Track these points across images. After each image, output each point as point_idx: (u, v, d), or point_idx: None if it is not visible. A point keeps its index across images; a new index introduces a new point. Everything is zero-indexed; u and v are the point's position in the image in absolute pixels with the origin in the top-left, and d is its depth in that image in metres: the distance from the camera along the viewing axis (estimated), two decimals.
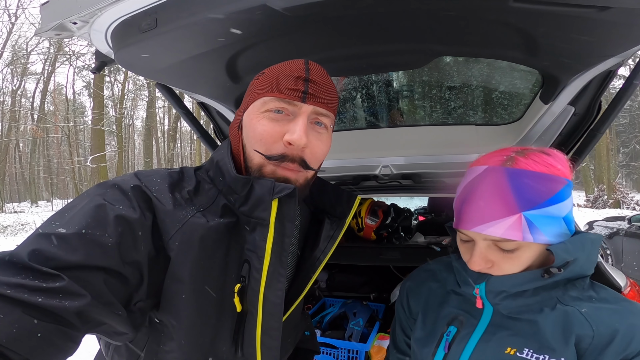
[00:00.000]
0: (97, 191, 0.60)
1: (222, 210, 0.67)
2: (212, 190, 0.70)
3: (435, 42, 0.82)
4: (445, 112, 1.36)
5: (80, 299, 0.50)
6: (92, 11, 0.71)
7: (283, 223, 0.66)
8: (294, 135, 0.66)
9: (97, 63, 0.89)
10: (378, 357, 1.41)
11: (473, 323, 0.73)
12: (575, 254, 0.64)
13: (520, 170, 0.65)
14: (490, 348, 0.69)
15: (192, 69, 0.93)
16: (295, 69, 0.69)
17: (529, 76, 1.13)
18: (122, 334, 0.60)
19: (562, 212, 0.64)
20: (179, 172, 0.70)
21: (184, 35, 0.73)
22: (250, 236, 0.67)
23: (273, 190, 0.63)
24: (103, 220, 0.56)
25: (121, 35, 0.76)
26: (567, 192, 0.65)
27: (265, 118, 0.68)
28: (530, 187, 0.64)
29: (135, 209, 0.59)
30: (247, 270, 0.66)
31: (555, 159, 0.68)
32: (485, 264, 0.68)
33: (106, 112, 17.56)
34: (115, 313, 0.55)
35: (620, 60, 0.88)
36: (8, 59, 18.30)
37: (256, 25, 0.70)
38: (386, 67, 1.08)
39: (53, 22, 0.74)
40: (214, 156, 0.73)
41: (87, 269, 0.52)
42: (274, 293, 0.67)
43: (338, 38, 0.80)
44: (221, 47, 0.80)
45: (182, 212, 0.64)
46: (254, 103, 0.70)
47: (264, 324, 0.67)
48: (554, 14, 0.63)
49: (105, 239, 0.54)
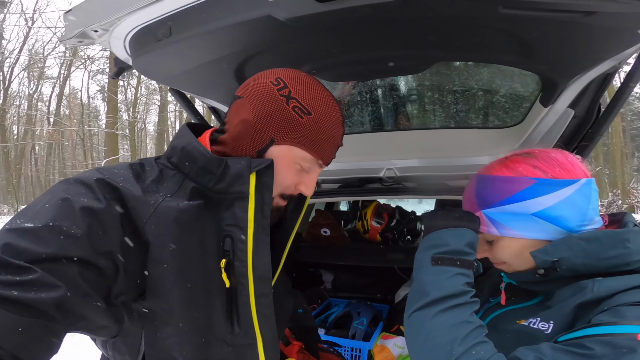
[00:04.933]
0: (59, 187, 0.61)
1: (190, 194, 0.68)
2: (176, 176, 0.71)
3: (433, 48, 0.85)
4: (447, 115, 1.39)
5: (56, 290, 0.51)
6: (112, 20, 0.77)
7: (262, 193, 0.70)
8: (309, 190, 0.78)
9: (115, 69, 0.95)
10: (381, 356, 1.43)
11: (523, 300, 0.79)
12: (559, 254, 0.67)
13: (484, 175, 0.79)
14: (507, 317, 0.77)
15: (203, 75, 0.98)
16: (339, 134, 0.77)
17: (529, 80, 1.16)
18: (104, 327, 0.61)
19: (529, 209, 0.71)
20: (139, 164, 0.72)
21: (196, 43, 0.78)
22: (227, 212, 0.69)
23: (251, 165, 0.68)
24: (69, 213, 0.56)
25: (138, 43, 0.81)
26: (535, 190, 0.71)
27: (295, 169, 0.75)
28: (487, 189, 0.76)
29: (100, 200, 0.60)
30: (230, 244, 0.68)
31: (537, 160, 0.74)
32: (482, 253, 0.80)
33: (119, 116, 17.88)
34: (94, 304, 0.56)
35: (617, 63, 0.90)
36: (25, 63, 18.80)
37: (262, 34, 0.75)
38: (387, 72, 1.12)
39: (76, 30, 0.80)
40: (176, 144, 0.73)
41: (59, 260, 0.53)
42: (262, 260, 0.70)
43: (340, 45, 0.84)
44: (230, 55, 0.85)
45: (152, 197, 0.65)
46: (292, 148, 0.73)
47: (256, 292, 0.69)
48: (543, 19, 0.66)
49: (74, 230, 0.55)
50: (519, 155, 0.77)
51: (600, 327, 0.56)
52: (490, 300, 0.88)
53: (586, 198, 0.70)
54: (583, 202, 0.70)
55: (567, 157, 0.74)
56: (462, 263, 0.70)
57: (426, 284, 0.69)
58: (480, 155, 1.36)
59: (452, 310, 0.65)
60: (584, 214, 0.70)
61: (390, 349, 1.44)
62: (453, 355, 0.60)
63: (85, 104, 23.14)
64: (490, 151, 1.35)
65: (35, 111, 21.11)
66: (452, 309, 0.65)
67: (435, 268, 0.70)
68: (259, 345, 0.73)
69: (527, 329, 0.69)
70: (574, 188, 0.70)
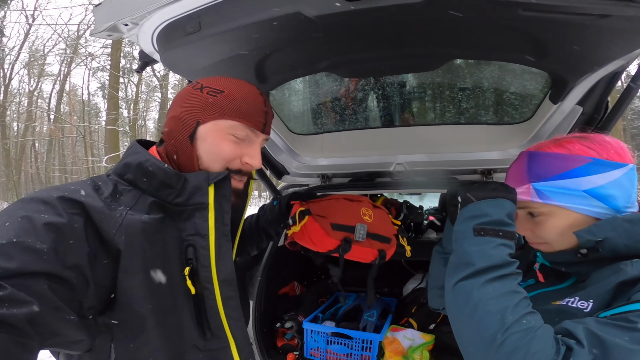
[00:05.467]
0: (16, 207, 0.60)
1: (149, 207, 0.71)
2: (132, 192, 0.72)
3: (449, 46, 0.88)
4: (457, 112, 1.42)
5: (27, 306, 0.50)
6: (143, 14, 0.78)
7: (221, 203, 0.75)
8: (254, 160, 0.82)
9: (140, 63, 0.97)
10: (391, 347, 1.46)
11: (554, 283, 0.82)
12: (603, 234, 0.69)
13: (537, 152, 0.80)
14: (541, 298, 0.78)
15: (224, 69, 1.00)
16: (258, 100, 0.82)
17: (538, 78, 1.19)
18: (79, 341, 0.61)
19: (582, 185, 0.73)
20: (92, 180, 0.72)
21: (224, 38, 0.80)
22: (187, 223, 0.73)
23: (209, 178, 0.74)
24: (31, 229, 0.56)
25: (167, 37, 0.83)
26: (590, 169, 0.73)
27: (230, 140, 0.79)
28: (540, 165, 0.78)
29: (62, 215, 0.60)
30: (192, 252, 0.72)
31: (592, 142, 0.76)
32: (524, 231, 0.82)
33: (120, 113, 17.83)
34: (66, 318, 0.56)
35: (625, 62, 0.93)
36: (25, 60, 18.74)
37: (289, 30, 0.77)
38: (403, 69, 1.15)
39: (107, 24, 0.81)
40: (130, 161, 0.75)
41: (27, 275, 0.52)
42: (225, 264, 0.74)
43: (360, 43, 0.87)
44: (255, 50, 0.87)
45: (115, 210, 0.67)
46: (217, 122, 0.78)
47: (222, 295, 0.73)
48: (560, 21, 0.69)
49: (39, 245, 0.55)
50: (574, 137, 0.79)
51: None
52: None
53: (632, 182, 0.74)
54: (629, 185, 0.74)
55: (619, 143, 0.77)
56: (504, 234, 0.71)
57: (470, 254, 0.70)
58: (489, 151, 1.39)
59: (500, 281, 0.66)
60: (630, 195, 0.73)
61: (400, 341, 1.47)
62: (505, 323, 0.60)
63: (86, 101, 23.08)
64: (499, 146, 1.38)
65: (35, 108, 21.06)
66: (500, 279, 0.66)
67: (478, 239, 0.71)
68: (232, 347, 0.76)
69: (566, 307, 0.70)
70: (623, 171, 0.73)
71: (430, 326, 1.53)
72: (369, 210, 1.22)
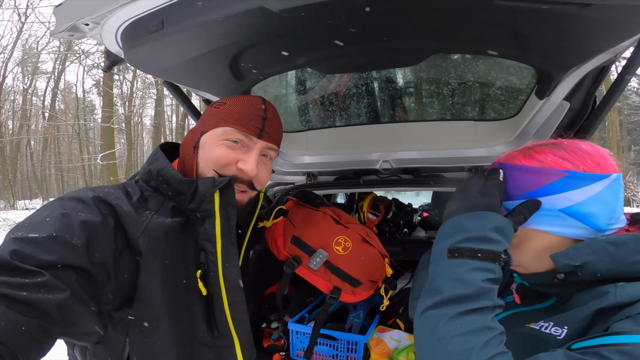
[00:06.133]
0: (57, 204, 0.66)
1: (171, 212, 0.76)
2: (157, 197, 0.78)
3: (428, 40, 0.85)
4: (443, 108, 1.39)
5: (61, 292, 0.56)
6: (103, 13, 0.76)
7: (227, 210, 0.77)
8: (247, 165, 0.80)
9: (107, 62, 0.94)
10: (377, 349, 1.44)
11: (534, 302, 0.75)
12: (582, 258, 0.61)
13: (506, 164, 0.70)
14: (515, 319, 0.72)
15: (197, 67, 0.97)
16: (256, 107, 0.83)
17: (524, 72, 1.16)
18: (92, 333, 0.66)
19: (557, 204, 0.64)
20: (123, 187, 0.78)
21: (189, 36, 0.77)
22: (201, 228, 0.76)
23: (214, 184, 0.75)
24: (69, 226, 0.62)
25: (130, 36, 0.80)
26: (565, 184, 0.64)
27: (224, 145, 0.81)
28: (509, 180, 0.68)
29: (96, 215, 0.66)
30: (204, 257, 0.76)
31: (566, 152, 0.67)
32: None
33: (115, 110, 17.77)
34: (89, 309, 0.62)
35: (613, 56, 0.90)
36: (19, 58, 18.60)
37: (256, 26, 0.74)
38: (384, 64, 1.12)
39: (66, 24, 0.79)
40: (152, 168, 0.80)
41: (61, 267, 0.58)
42: (231, 271, 0.77)
43: (335, 37, 0.84)
44: (224, 47, 0.84)
45: (142, 214, 0.73)
46: (214, 130, 0.82)
47: (229, 299, 0.77)
48: (538, 11, 0.66)
49: (75, 241, 0.60)
50: (544, 146, 0.70)
51: (620, 336, 0.51)
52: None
53: (615, 195, 0.65)
54: (612, 199, 0.65)
55: (597, 150, 0.68)
56: (484, 255, 0.60)
57: (440, 279, 0.61)
58: (476, 147, 1.36)
59: (471, 315, 0.56)
60: (613, 211, 0.65)
61: (387, 342, 1.44)
62: None
63: (81, 98, 22.95)
64: (486, 143, 1.35)
65: (30, 106, 20.93)
66: (472, 313, 0.57)
67: (451, 261, 0.61)
68: (237, 346, 0.80)
69: (538, 332, 0.64)
70: (604, 183, 0.64)
71: None
72: (348, 242, 1.09)
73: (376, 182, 1.58)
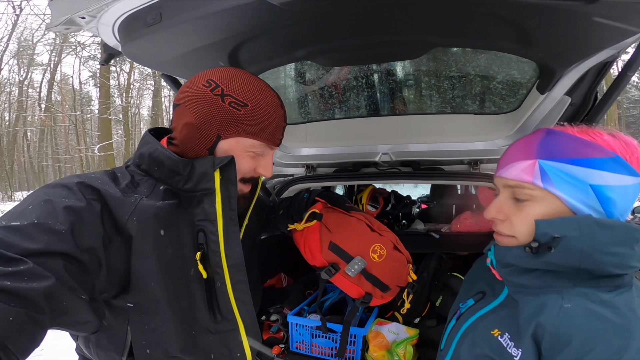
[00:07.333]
0: (40, 191, 0.64)
1: (163, 194, 0.74)
2: (148, 181, 0.76)
3: (430, 33, 0.84)
4: (444, 101, 1.38)
5: (46, 280, 0.54)
6: (100, 6, 0.75)
7: (227, 187, 0.75)
8: (267, 172, 0.83)
9: (104, 55, 0.93)
10: (376, 341, 1.45)
11: (490, 299, 0.76)
12: (564, 231, 0.62)
13: (557, 130, 0.71)
14: (481, 325, 0.72)
15: (196, 60, 0.96)
16: (280, 116, 0.82)
17: (526, 67, 1.15)
18: (86, 322, 0.63)
19: (591, 179, 0.65)
20: (112, 171, 0.76)
21: (187, 29, 0.76)
22: (197, 208, 0.75)
23: (214, 163, 0.73)
24: (52, 212, 0.60)
25: (128, 29, 0.79)
26: (607, 164, 0.65)
27: (249, 157, 0.80)
28: (557, 143, 0.68)
29: (81, 200, 0.64)
30: (203, 237, 0.74)
31: (619, 140, 0.68)
32: (498, 214, 0.72)
33: (112, 101, 17.62)
34: (79, 297, 0.59)
35: (615, 52, 0.89)
36: (14, 50, 18.38)
37: (256, 19, 0.73)
38: (384, 57, 1.11)
39: (62, 17, 0.78)
40: (143, 151, 0.77)
41: (46, 254, 0.56)
42: (233, 249, 0.75)
43: (335, 30, 0.83)
44: (223, 40, 0.83)
45: (130, 197, 0.70)
46: (239, 139, 0.77)
47: (232, 279, 0.75)
48: (543, 6, 0.65)
49: (58, 227, 0.58)
50: (605, 132, 0.71)
51: None
52: (460, 306, 0.83)
53: (635, 195, 0.67)
54: (633, 198, 0.67)
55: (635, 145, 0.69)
56: None
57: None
58: (475, 141, 1.36)
59: None
60: (627, 209, 0.67)
61: (385, 335, 1.45)
62: None
63: (77, 89, 22.74)
64: (485, 136, 1.35)
65: (26, 98, 20.75)
66: None
67: None
68: (241, 330, 0.78)
69: (503, 350, 0.66)
70: (635, 180, 0.66)
71: (415, 320, 1.52)
72: (383, 249, 1.10)
73: (375, 175, 1.58)
